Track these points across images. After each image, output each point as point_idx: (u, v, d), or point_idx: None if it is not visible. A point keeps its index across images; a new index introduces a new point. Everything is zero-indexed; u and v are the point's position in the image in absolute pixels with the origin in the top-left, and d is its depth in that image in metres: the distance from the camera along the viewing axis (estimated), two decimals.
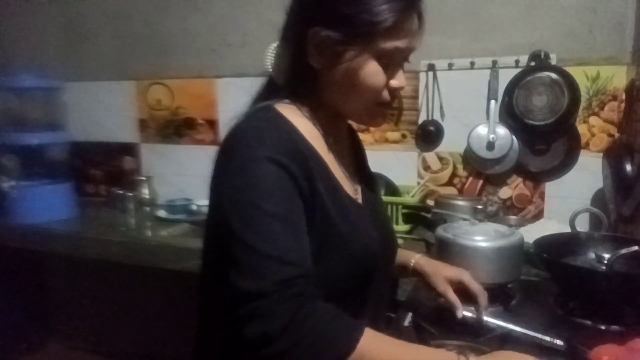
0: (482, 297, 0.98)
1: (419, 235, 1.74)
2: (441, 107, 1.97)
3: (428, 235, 1.58)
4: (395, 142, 2.06)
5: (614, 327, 1.00)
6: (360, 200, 0.89)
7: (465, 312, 0.97)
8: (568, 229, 1.35)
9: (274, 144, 0.72)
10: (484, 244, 1.10)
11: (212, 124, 2.37)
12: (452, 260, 1.12)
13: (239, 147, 0.73)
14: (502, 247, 1.11)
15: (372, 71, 0.77)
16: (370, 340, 0.65)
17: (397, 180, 1.96)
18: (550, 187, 1.86)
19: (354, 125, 1.00)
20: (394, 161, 2.05)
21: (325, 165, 0.81)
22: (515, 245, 1.13)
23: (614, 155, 1.61)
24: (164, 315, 2.29)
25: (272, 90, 0.86)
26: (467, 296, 0.99)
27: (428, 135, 1.98)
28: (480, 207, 1.73)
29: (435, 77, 1.95)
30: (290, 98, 0.83)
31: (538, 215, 1.87)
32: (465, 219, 1.24)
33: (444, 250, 1.15)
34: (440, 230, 1.19)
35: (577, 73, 1.75)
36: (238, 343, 0.65)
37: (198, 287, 0.87)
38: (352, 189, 0.88)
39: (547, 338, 0.91)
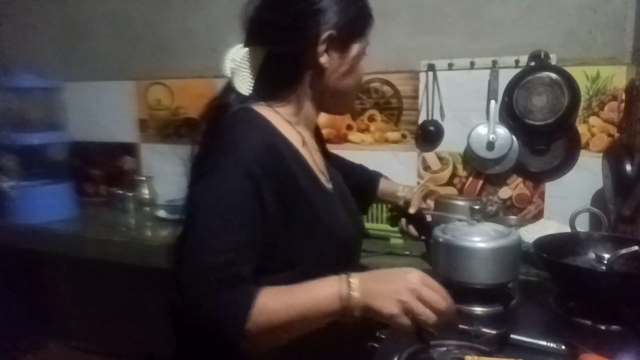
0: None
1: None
2: (441, 107, 1.97)
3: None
4: (395, 142, 2.06)
5: (614, 327, 1.00)
6: (330, 187, 0.95)
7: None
8: (568, 229, 1.35)
9: (247, 150, 0.78)
10: (481, 245, 1.10)
11: None
12: (450, 260, 1.11)
13: (216, 151, 0.79)
14: (499, 247, 1.10)
15: (364, 61, 0.91)
16: (265, 298, 0.71)
17: (397, 181, 1.95)
18: (550, 187, 1.86)
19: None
20: (394, 161, 2.05)
21: (305, 162, 0.87)
22: (512, 245, 1.12)
23: (614, 155, 1.61)
24: (164, 315, 2.29)
25: (232, 93, 0.89)
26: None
27: (428, 135, 1.98)
28: (477, 207, 1.72)
29: (435, 77, 1.95)
30: (265, 100, 0.88)
31: (538, 215, 1.87)
32: (461, 220, 1.24)
33: (441, 251, 1.15)
34: (437, 231, 1.19)
35: (577, 73, 1.75)
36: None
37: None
38: (325, 179, 0.93)
39: (544, 342, 0.91)
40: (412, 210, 1.15)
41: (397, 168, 2.04)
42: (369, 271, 0.74)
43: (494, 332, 0.92)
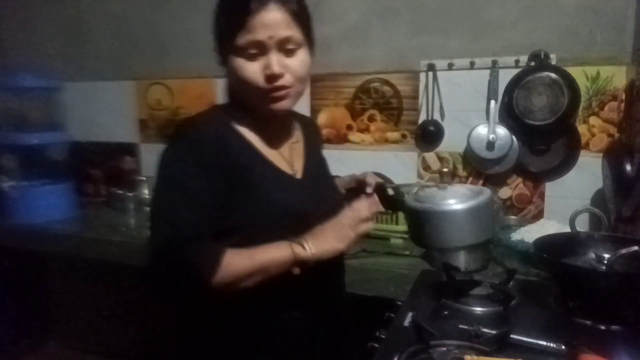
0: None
1: None
2: (441, 107, 1.97)
3: None
4: (395, 142, 2.06)
5: (614, 327, 1.00)
6: (298, 176, 1.04)
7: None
8: (568, 229, 1.35)
9: (196, 138, 0.93)
10: (458, 207, 1.06)
11: None
12: (425, 226, 1.09)
13: (172, 137, 0.98)
14: (476, 205, 1.06)
15: (236, 66, 0.93)
16: (230, 257, 0.86)
17: (397, 180, 1.94)
18: (550, 187, 1.87)
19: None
20: (394, 161, 2.06)
21: (253, 148, 0.98)
22: (487, 203, 1.09)
23: (614, 155, 1.61)
24: (164, 315, 2.29)
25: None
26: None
27: (428, 135, 1.98)
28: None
29: (435, 77, 1.95)
30: (233, 104, 1.03)
31: (538, 215, 1.87)
32: (425, 186, 1.20)
33: (419, 220, 1.11)
34: (411, 201, 1.14)
35: (577, 73, 1.75)
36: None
37: None
38: (288, 167, 1.03)
39: (544, 342, 0.91)
40: (369, 190, 1.13)
41: (397, 168, 2.04)
42: (316, 230, 0.92)
43: (494, 332, 0.92)
